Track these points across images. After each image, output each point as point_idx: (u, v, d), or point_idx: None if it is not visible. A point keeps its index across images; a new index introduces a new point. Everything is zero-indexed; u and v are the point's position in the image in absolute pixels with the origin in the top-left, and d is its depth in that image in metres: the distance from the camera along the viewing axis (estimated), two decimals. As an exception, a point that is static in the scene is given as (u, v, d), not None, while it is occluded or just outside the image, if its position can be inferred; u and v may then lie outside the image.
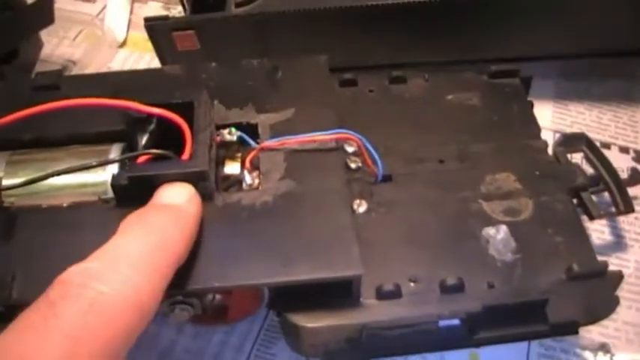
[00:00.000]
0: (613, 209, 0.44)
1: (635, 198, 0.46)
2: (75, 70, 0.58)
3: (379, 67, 0.49)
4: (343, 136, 0.38)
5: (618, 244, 0.48)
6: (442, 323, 0.37)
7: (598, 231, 0.49)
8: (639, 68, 0.58)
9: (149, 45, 0.52)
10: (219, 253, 0.34)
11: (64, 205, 0.37)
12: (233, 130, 0.39)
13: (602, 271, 0.37)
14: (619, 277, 0.38)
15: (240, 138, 0.39)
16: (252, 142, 0.39)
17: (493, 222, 0.39)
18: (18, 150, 0.39)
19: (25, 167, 0.38)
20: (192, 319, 0.36)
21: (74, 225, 0.36)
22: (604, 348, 0.43)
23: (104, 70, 0.56)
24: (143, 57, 0.61)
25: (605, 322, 0.41)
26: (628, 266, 0.47)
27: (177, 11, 0.63)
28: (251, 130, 0.40)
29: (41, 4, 0.49)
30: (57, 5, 0.55)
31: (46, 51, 0.58)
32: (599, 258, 0.38)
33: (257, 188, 0.37)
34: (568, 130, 0.54)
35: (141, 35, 0.60)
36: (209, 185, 0.36)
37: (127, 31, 0.62)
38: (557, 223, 0.40)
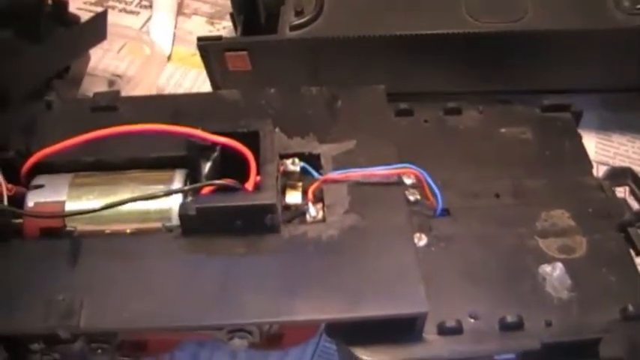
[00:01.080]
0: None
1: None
2: (123, 85, 0.58)
3: (429, 94, 0.50)
4: (406, 171, 0.39)
5: (662, 279, 0.48)
6: (498, 357, 0.37)
7: (640, 265, 0.49)
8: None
9: (195, 60, 0.52)
10: (286, 287, 0.34)
11: (127, 231, 0.38)
12: (296, 160, 0.39)
13: (656, 313, 0.38)
14: (671, 317, 0.38)
15: (302, 168, 0.39)
16: (315, 173, 0.39)
17: (548, 259, 0.40)
18: (80, 172, 0.40)
19: (88, 192, 0.38)
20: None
21: (139, 253, 0.36)
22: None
23: (153, 87, 0.56)
24: (189, 73, 0.60)
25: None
26: (672, 303, 0.47)
27: (221, 26, 0.63)
28: (313, 160, 0.40)
29: (96, 22, 0.50)
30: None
31: (90, 63, 0.58)
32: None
33: (322, 220, 0.38)
34: (611, 162, 0.55)
35: (186, 50, 0.60)
36: (276, 217, 0.36)
37: (172, 45, 0.62)
38: (610, 261, 0.40)
